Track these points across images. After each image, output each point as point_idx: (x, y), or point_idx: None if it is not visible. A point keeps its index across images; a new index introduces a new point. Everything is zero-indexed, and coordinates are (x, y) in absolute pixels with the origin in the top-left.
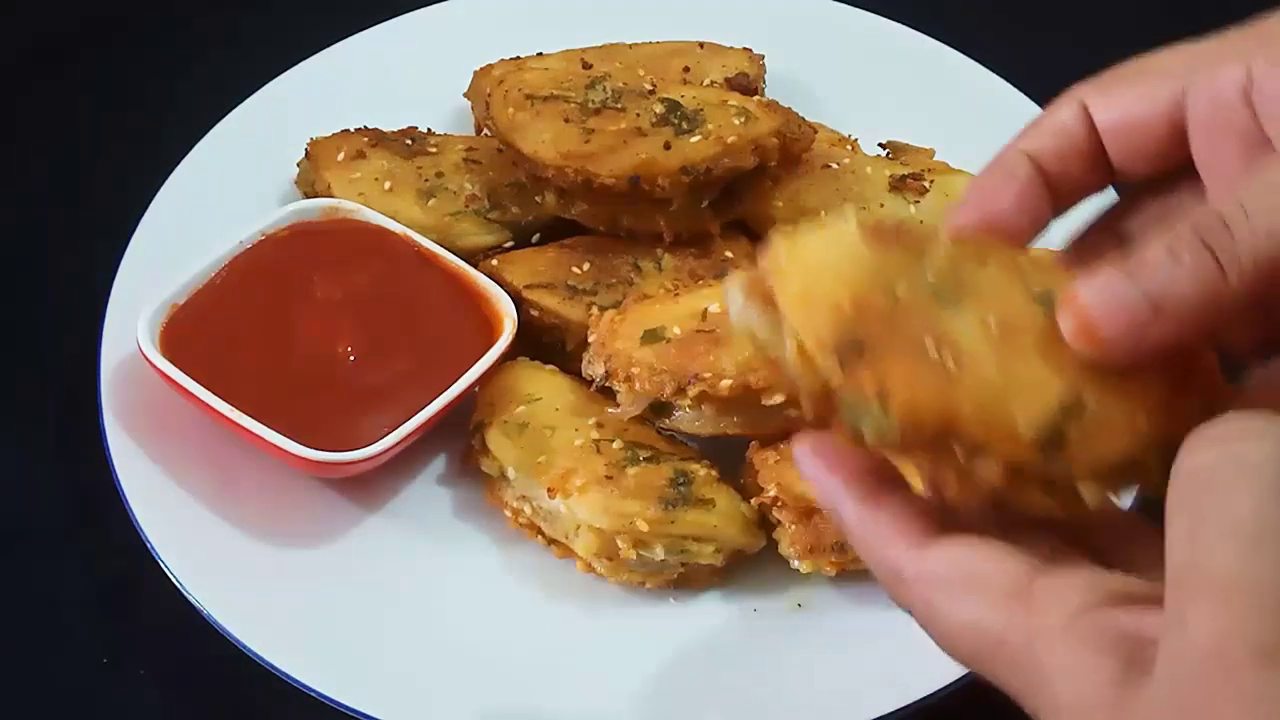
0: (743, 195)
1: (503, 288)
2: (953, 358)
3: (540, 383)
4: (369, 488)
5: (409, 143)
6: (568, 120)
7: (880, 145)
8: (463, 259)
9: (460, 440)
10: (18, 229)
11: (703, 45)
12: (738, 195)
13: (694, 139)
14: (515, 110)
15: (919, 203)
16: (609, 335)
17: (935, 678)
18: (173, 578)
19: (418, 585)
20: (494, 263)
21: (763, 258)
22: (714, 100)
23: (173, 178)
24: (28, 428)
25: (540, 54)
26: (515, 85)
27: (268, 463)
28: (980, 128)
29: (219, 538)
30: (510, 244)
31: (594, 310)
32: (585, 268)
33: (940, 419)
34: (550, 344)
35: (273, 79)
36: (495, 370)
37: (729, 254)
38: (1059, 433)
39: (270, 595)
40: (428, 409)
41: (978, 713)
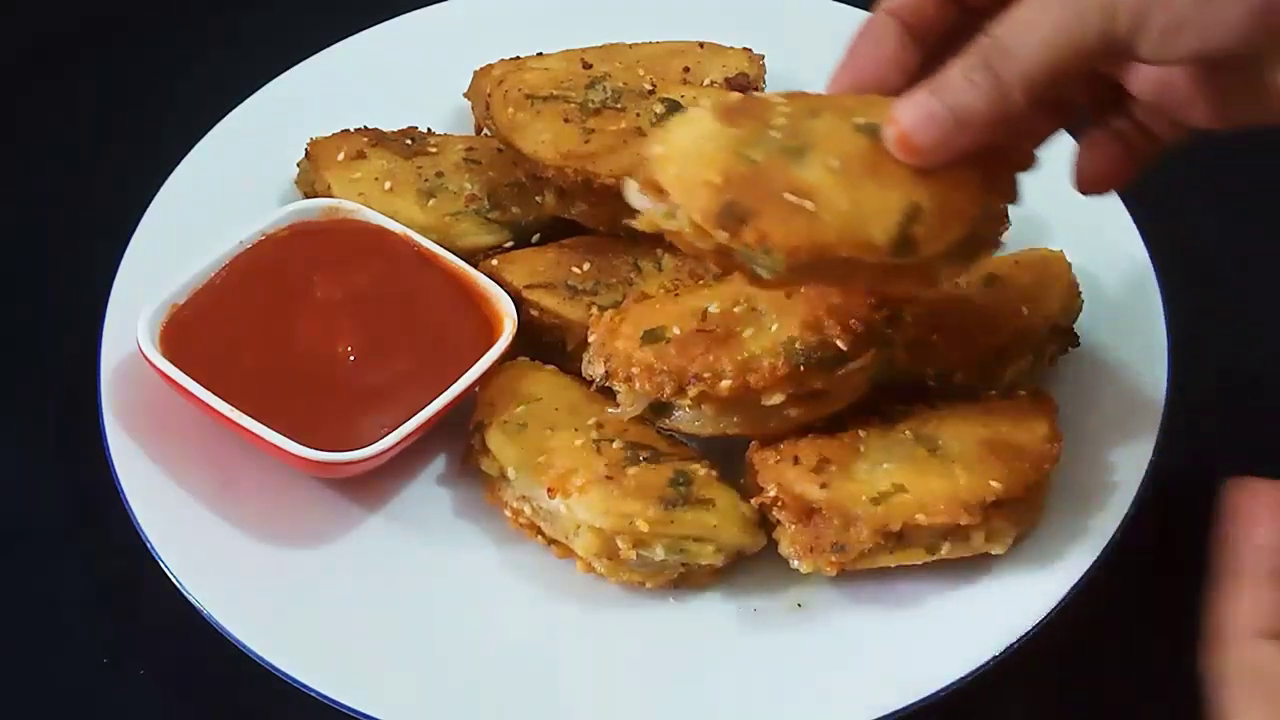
0: None
1: (503, 288)
2: (810, 199)
3: (540, 383)
4: (369, 488)
5: (409, 143)
6: (568, 120)
7: None
8: (463, 259)
9: (460, 440)
10: (18, 229)
11: (703, 45)
12: None
13: None
14: (515, 110)
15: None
16: (609, 335)
17: (935, 678)
18: (173, 578)
19: (418, 585)
20: (494, 263)
21: (645, 152)
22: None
23: (173, 178)
24: (28, 428)
25: (540, 54)
26: (515, 85)
27: (268, 463)
28: None
29: (219, 538)
30: (510, 244)
31: (594, 310)
32: (585, 268)
33: (814, 249)
34: (550, 344)
35: (273, 79)
36: (495, 370)
37: None
38: (907, 235)
39: (270, 595)
40: (428, 409)
41: (977, 713)
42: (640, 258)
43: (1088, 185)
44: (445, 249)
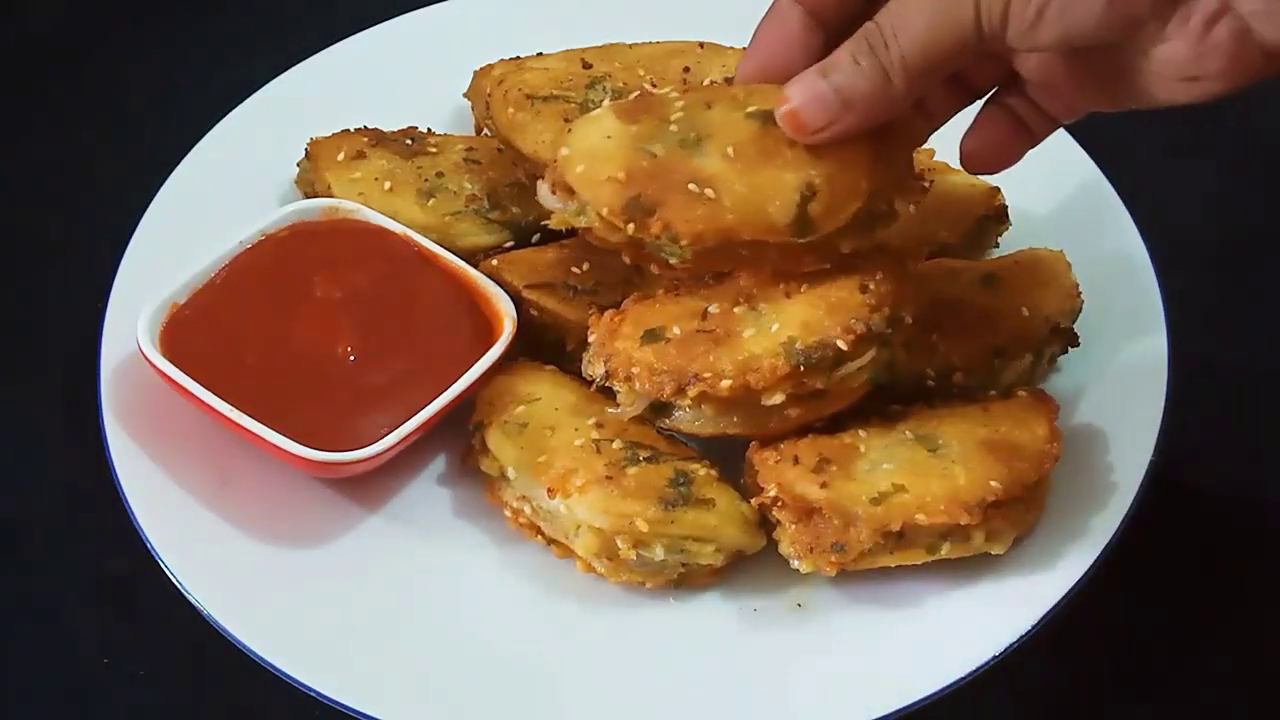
0: None
1: (503, 288)
2: (710, 187)
3: (540, 383)
4: (369, 488)
5: (409, 143)
6: (568, 121)
7: None
8: (463, 259)
9: (460, 440)
10: (18, 229)
11: (703, 45)
12: None
13: None
14: (515, 110)
15: (919, 202)
16: (609, 335)
17: (935, 678)
18: (173, 578)
19: (418, 585)
20: (494, 263)
21: (554, 155)
22: None
23: (173, 178)
24: (28, 427)
25: (540, 54)
26: (515, 85)
27: (268, 463)
28: None
29: (219, 538)
30: (510, 244)
31: (593, 310)
32: (585, 268)
33: (718, 235)
34: (550, 344)
35: (273, 79)
36: (495, 370)
37: None
38: (805, 214)
39: (270, 595)
40: (428, 409)
41: (977, 713)
42: None
43: (972, 163)
44: (445, 249)
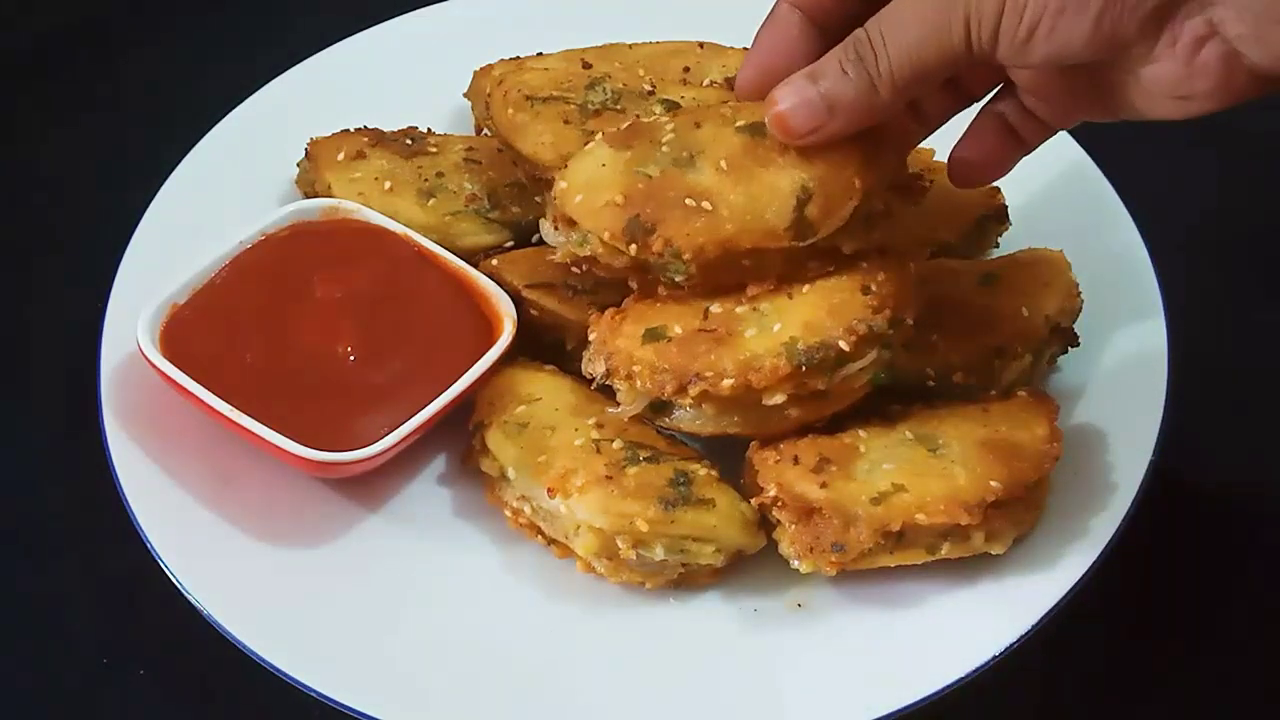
0: None
1: (503, 288)
2: (707, 200)
3: (540, 383)
4: (369, 488)
5: (409, 143)
6: (567, 122)
7: None
8: (463, 259)
9: (460, 440)
10: (18, 228)
11: (703, 45)
12: None
13: None
14: (515, 111)
15: (919, 203)
16: (610, 333)
17: (935, 678)
18: (173, 578)
19: (418, 585)
20: (494, 263)
21: (550, 192)
22: (713, 100)
23: (173, 178)
24: (28, 428)
25: (540, 54)
26: (515, 86)
27: (268, 463)
28: None
29: (219, 538)
30: (510, 244)
31: (594, 310)
32: (585, 267)
33: (719, 245)
34: (550, 344)
35: (273, 79)
36: (495, 370)
37: None
38: (802, 217)
39: (270, 595)
40: (428, 409)
41: (978, 713)
42: None
43: (963, 172)
44: (445, 249)
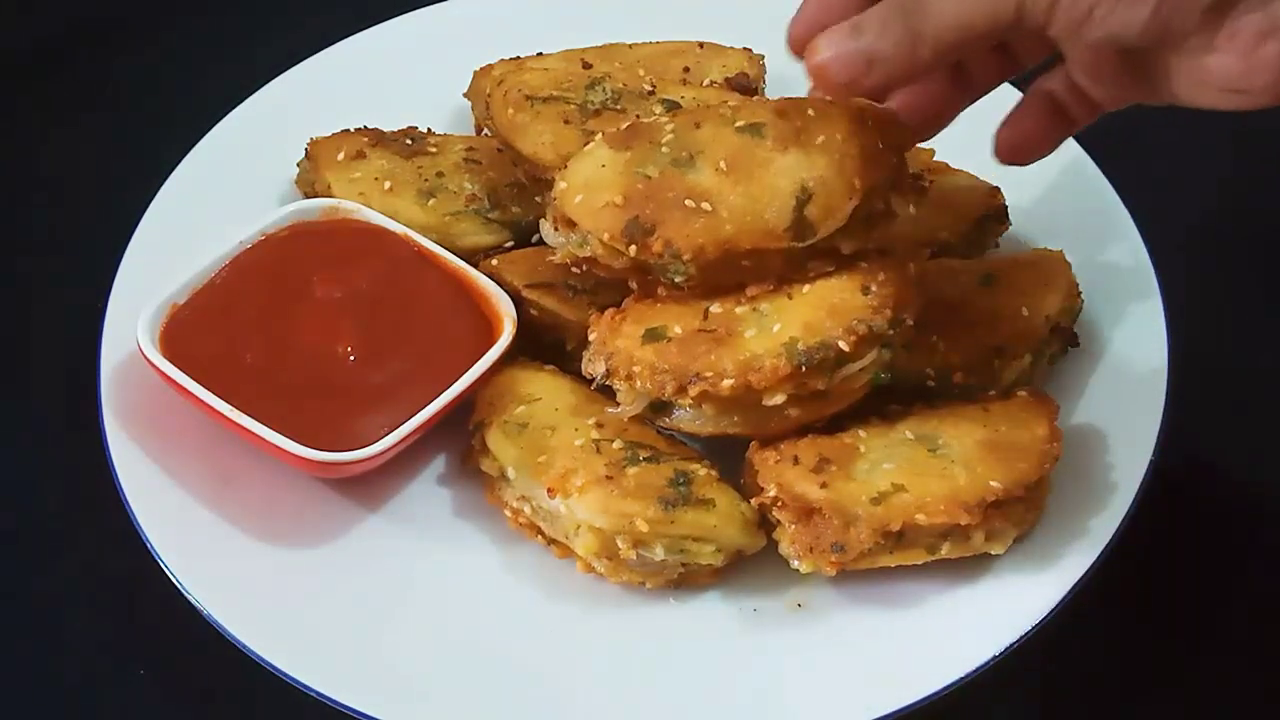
0: None
1: (503, 288)
2: (706, 201)
3: (540, 383)
4: (369, 488)
5: (409, 143)
6: (567, 122)
7: None
8: (463, 259)
9: (460, 440)
10: (18, 229)
11: (703, 45)
12: None
13: None
14: (515, 111)
15: (919, 202)
16: (610, 334)
17: (935, 678)
18: (173, 578)
19: (418, 585)
20: (494, 263)
21: (550, 193)
22: (713, 100)
23: (173, 178)
24: (28, 428)
25: (540, 54)
26: (515, 86)
27: (268, 463)
28: (980, 127)
29: (219, 538)
30: (510, 244)
31: (594, 310)
32: (584, 267)
33: (718, 246)
34: (550, 344)
35: (273, 79)
36: (495, 370)
37: None
38: (802, 218)
39: (270, 595)
40: (428, 409)
41: (978, 713)
42: None
43: (1008, 150)
44: (445, 249)
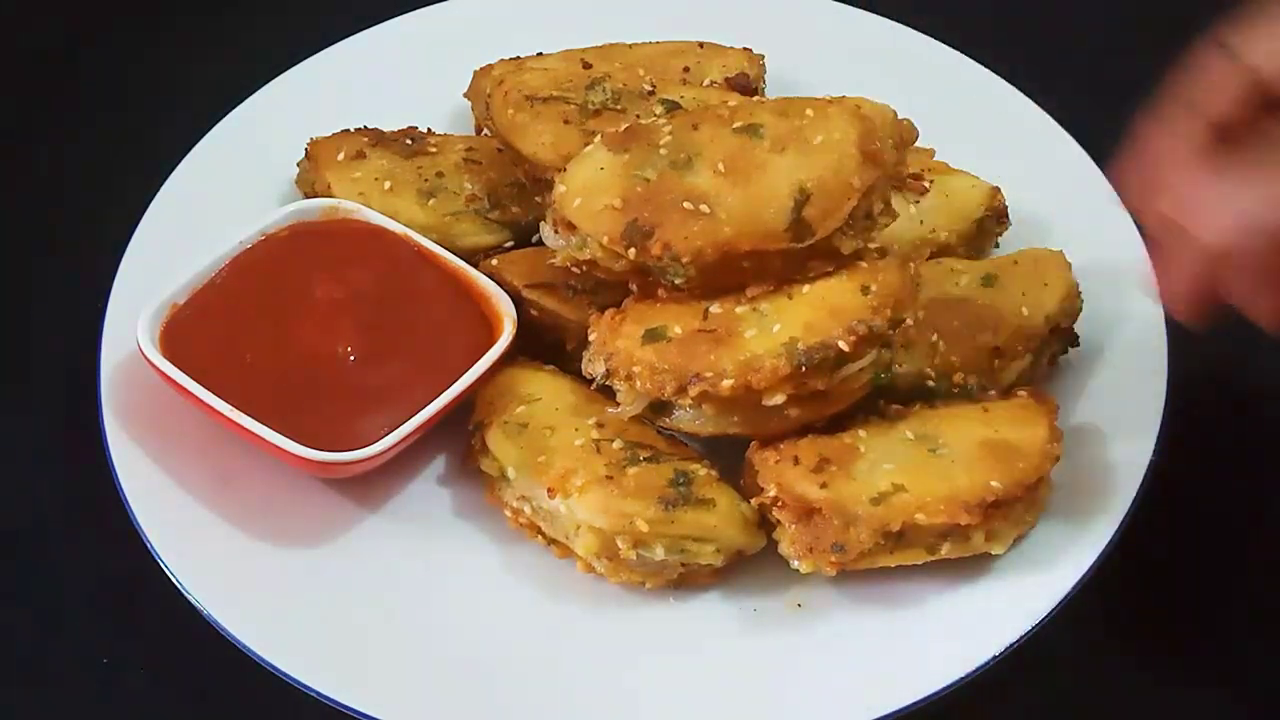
0: None
1: (503, 288)
2: (704, 203)
3: (540, 383)
4: (369, 488)
5: (409, 143)
6: (567, 122)
7: None
8: (463, 259)
9: (460, 440)
10: (18, 228)
11: (703, 45)
12: None
13: None
14: (515, 111)
15: (918, 202)
16: (610, 334)
17: (935, 678)
18: (173, 578)
19: (418, 585)
20: (494, 263)
21: (549, 195)
22: (713, 101)
23: (173, 178)
24: (28, 428)
25: (540, 54)
26: (515, 86)
27: (268, 463)
28: (980, 128)
29: (219, 538)
30: (510, 244)
31: (594, 310)
32: (584, 269)
33: (718, 248)
34: (550, 344)
35: (273, 79)
36: (495, 370)
37: None
38: (800, 218)
39: (270, 595)
40: (428, 409)
41: (978, 713)
42: None
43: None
44: (445, 249)
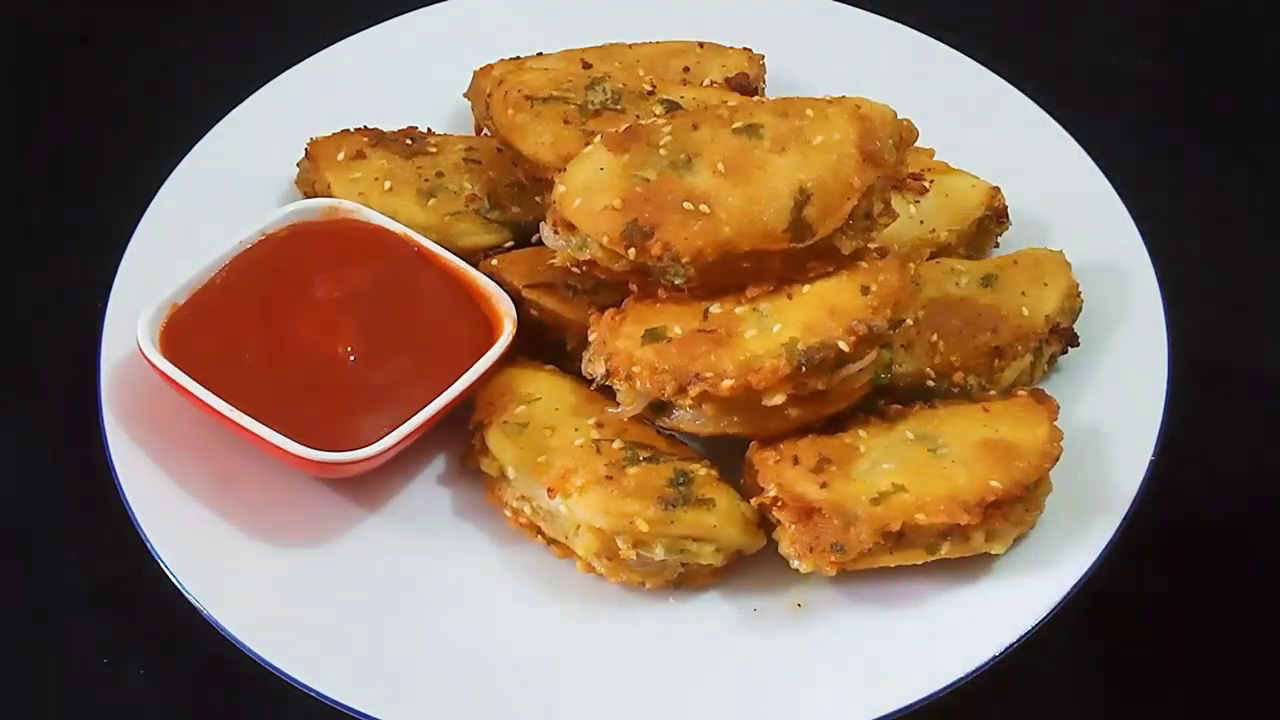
0: None
1: (503, 288)
2: (704, 203)
3: (540, 383)
4: (369, 488)
5: (409, 143)
6: (567, 122)
7: None
8: (463, 259)
9: (460, 440)
10: (18, 228)
11: (703, 45)
12: None
13: None
14: (515, 111)
15: (918, 202)
16: (610, 334)
17: (935, 678)
18: (173, 578)
19: (418, 585)
20: (494, 263)
21: (549, 195)
22: (713, 101)
23: (173, 178)
24: (28, 428)
25: (540, 54)
26: (515, 86)
27: (268, 463)
28: (980, 128)
29: (219, 538)
30: (510, 244)
31: (594, 310)
32: (584, 269)
33: (717, 248)
34: (550, 344)
35: (273, 79)
36: (495, 370)
37: None
38: (800, 219)
39: (270, 595)
40: (428, 409)
41: (978, 713)
42: None
43: None
44: (445, 249)
